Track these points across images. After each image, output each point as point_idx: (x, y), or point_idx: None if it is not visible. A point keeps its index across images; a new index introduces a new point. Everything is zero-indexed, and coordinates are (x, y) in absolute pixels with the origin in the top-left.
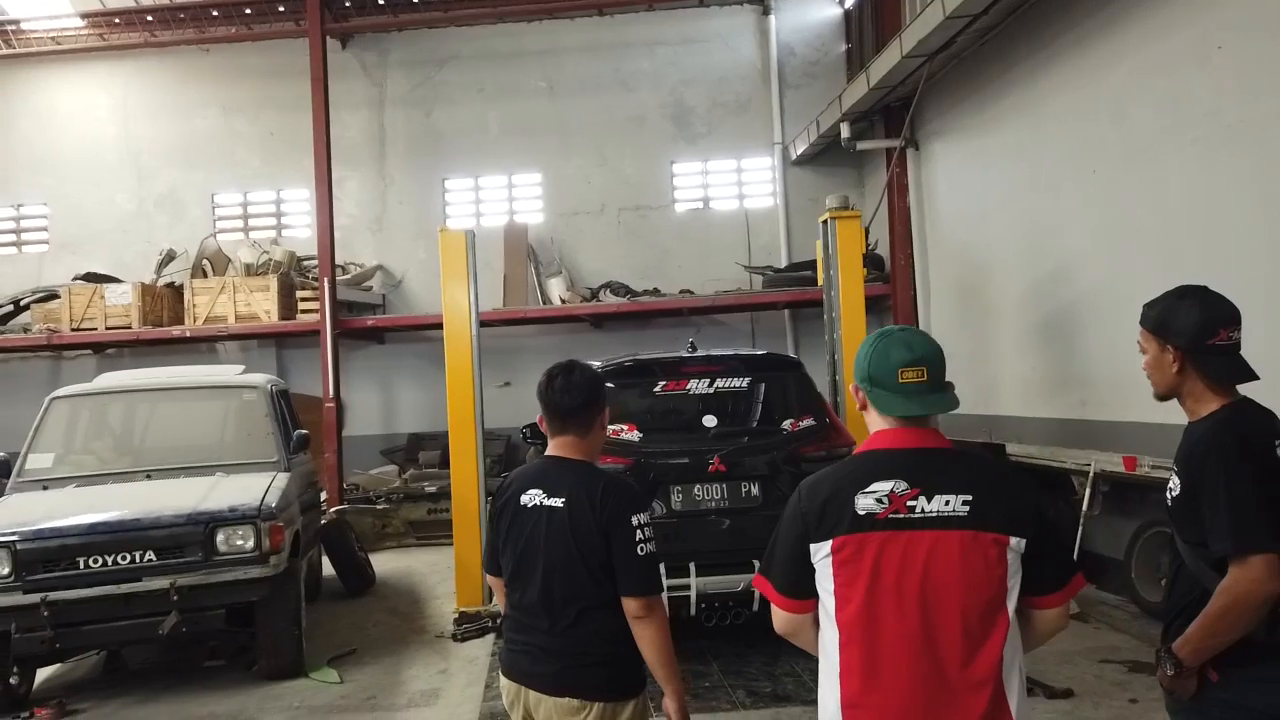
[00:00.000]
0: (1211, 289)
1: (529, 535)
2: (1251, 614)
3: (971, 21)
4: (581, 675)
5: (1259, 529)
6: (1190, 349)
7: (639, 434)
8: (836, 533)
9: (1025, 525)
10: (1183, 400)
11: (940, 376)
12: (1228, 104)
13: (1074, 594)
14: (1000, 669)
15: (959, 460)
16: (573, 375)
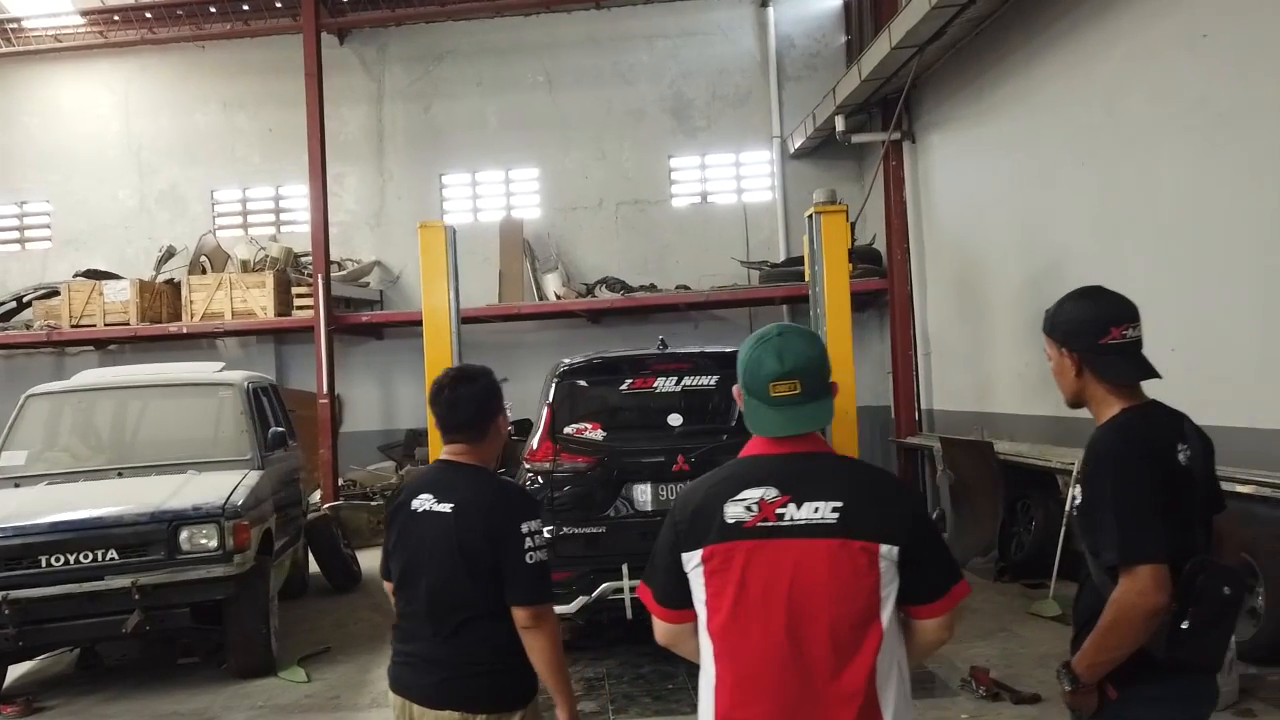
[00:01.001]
0: (1108, 288)
1: (416, 541)
2: (1139, 627)
3: (960, 11)
4: (464, 686)
5: (1147, 539)
6: (1086, 350)
7: (603, 433)
8: (706, 542)
9: (897, 533)
10: (1088, 405)
11: (817, 385)
12: (1217, 92)
13: (954, 605)
14: (872, 680)
15: (833, 466)
16: (459, 389)
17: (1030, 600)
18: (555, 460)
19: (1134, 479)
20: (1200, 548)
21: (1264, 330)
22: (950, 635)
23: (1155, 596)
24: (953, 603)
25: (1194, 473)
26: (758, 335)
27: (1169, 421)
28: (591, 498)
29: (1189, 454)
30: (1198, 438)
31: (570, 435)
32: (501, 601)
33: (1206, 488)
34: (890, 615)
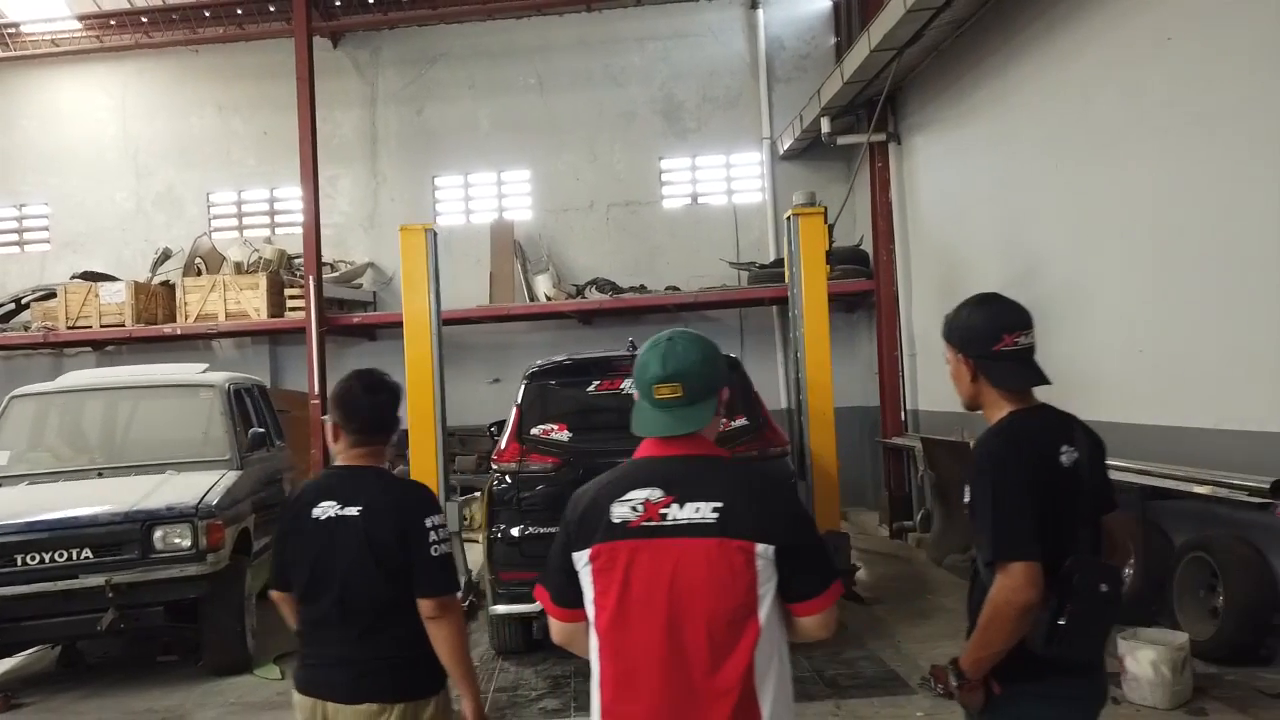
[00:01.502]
0: (1004, 295)
1: (323, 547)
2: (1013, 623)
3: (936, 14)
4: (380, 679)
5: (1019, 536)
6: (980, 356)
7: (569, 434)
8: (593, 541)
9: (774, 532)
10: (983, 408)
11: (700, 388)
12: (1183, 94)
13: (831, 603)
14: (749, 677)
15: (717, 467)
16: (380, 395)
17: None
18: (522, 461)
19: (1010, 480)
20: (1085, 546)
21: (1226, 333)
22: (829, 633)
23: (1027, 593)
24: (829, 601)
25: (1079, 474)
26: (651, 339)
27: (1055, 424)
28: (557, 498)
29: (1074, 456)
30: (1086, 440)
31: (537, 436)
32: (409, 595)
33: (1095, 488)
34: (768, 613)
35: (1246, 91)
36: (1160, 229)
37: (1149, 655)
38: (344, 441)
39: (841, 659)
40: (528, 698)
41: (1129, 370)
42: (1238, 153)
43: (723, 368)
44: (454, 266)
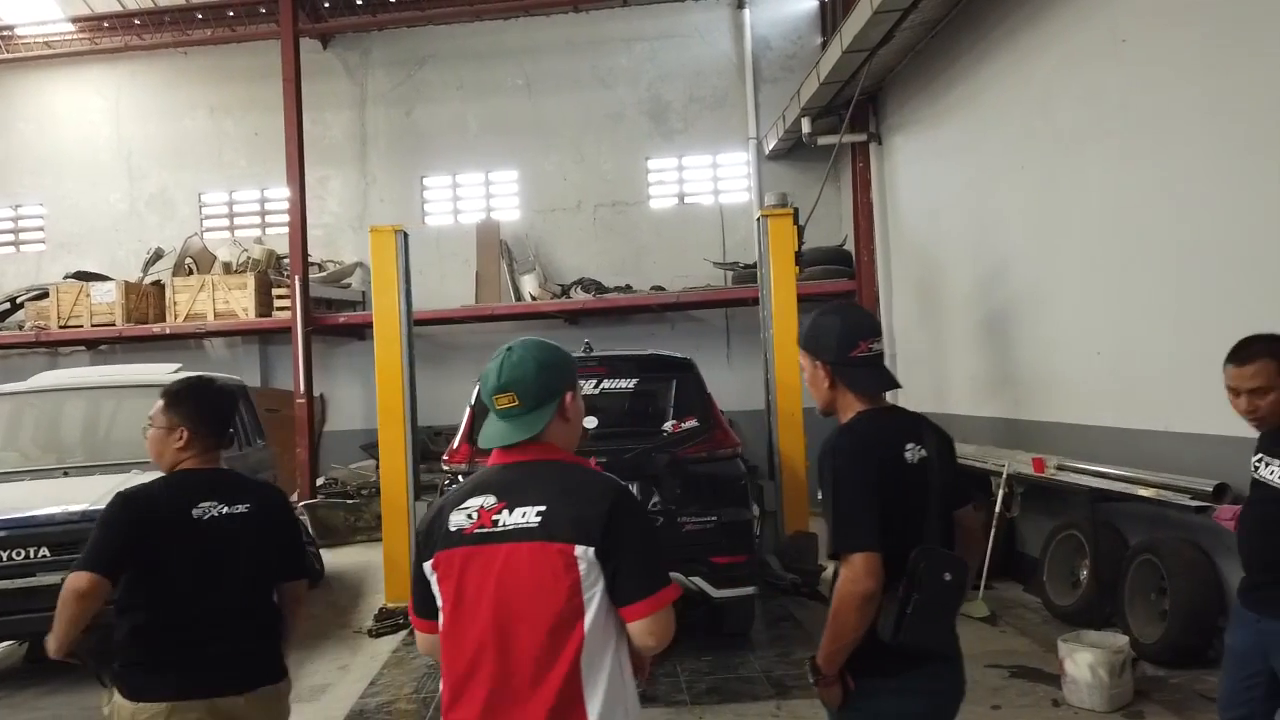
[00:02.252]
0: (856, 304)
1: (210, 546)
2: (856, 613)
3: (904, 15)
4: (272, 662)
5: (860, 529)
6: (835, 362)
7: None
8: (435, 550)
9: (592, 534)
10: (838, 413)
11: (536, 396)
12: (1136, 97)
13: (658, 608)
14: (573, 682)
15: (546, 473)
16: (224, 399)
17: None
18: (471, 462)
19: (852, 474)
20: (933, 538)
21: (1176, 336)
22: (657, 640)
23: (866, 582)
24: (656, 605)
25: (927, 470)
26: (497, 350)
27: (901, 424)
28: None
29: (920, 453)
30: (935, 438)
31: None
32: (279, 583)
33: (945, 485)
34: (596, 617)
35: (1196, 94)
36: (1116, 231)
37: (1087, 658)
38: (199, 444)
39: (791, 659)
40: None
41: (1086, 372)
42: (1187, 156)
43: (564, 373)
44: (442, 266)
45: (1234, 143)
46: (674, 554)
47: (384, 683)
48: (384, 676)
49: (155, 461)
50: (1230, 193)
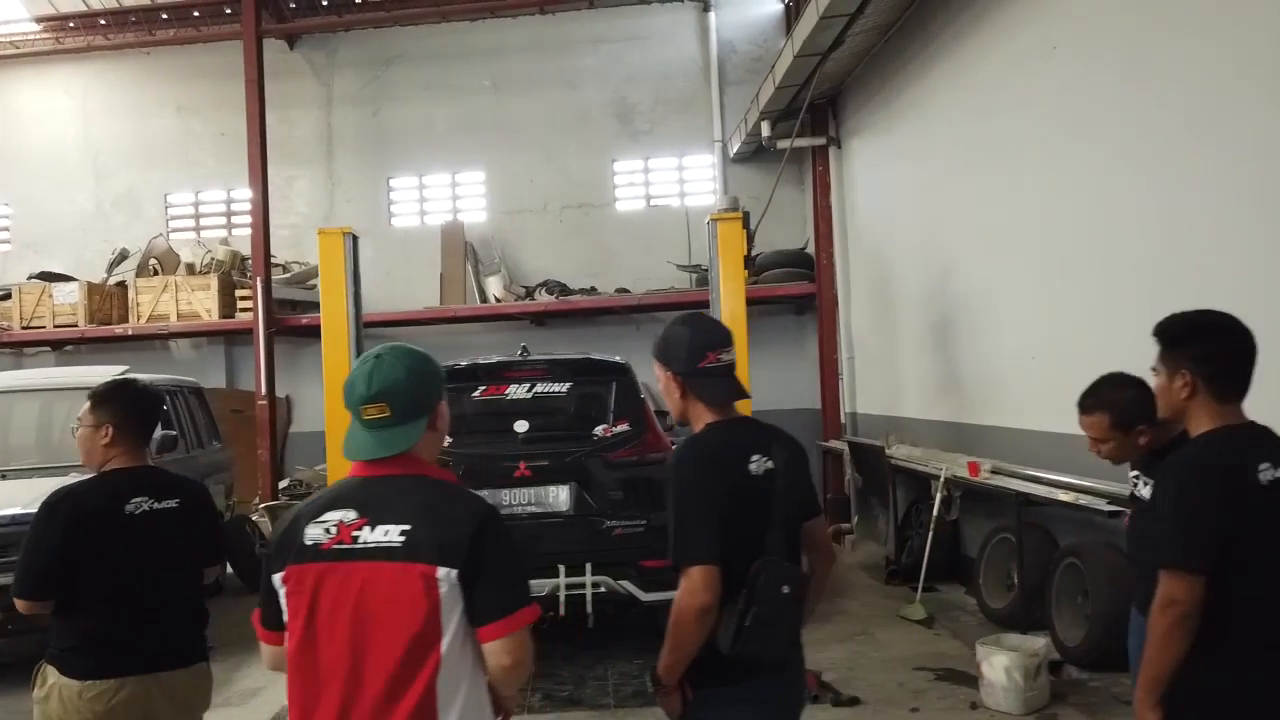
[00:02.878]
0: (706, 315)
1: (143, 540)
2: (693, 625)
3: (851, 20)
4: (201, 642)
5: (697, 542)
6: (685, 373)
7: (449, 439)
8: (286, 563)
9: (454, 555)
10: (690, 423)
11: (408, 407)
12: (1064, 105)
13: (513, 629)
14: (429, 705)
15: (411, 489)
16: (148, 400)
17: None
18: None
19: (693, 487)
20: (777, 550)
21: (1102, 340)
22: (513, 660)
23: (702, 595)
24: (512, 626)
25: (773, 482)
26: (361, 357)
27: (750, 435)
28: None
29: (766, 465)
30: (784, 450)
31: None
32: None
33: (793, 495)
34: (454, 639)
35: (1116, 102)
36: (1048, 236)
37: (1002, 661)
38: (125, 442)
39: None
40: None
41: (1023, 376)
42: (1108, 162)
43: (437, 382)
44: (409, 268)
45: (1151, 149)
46: (604, 558)
47: None
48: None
49: (85, 461)
50: (1149, 197)
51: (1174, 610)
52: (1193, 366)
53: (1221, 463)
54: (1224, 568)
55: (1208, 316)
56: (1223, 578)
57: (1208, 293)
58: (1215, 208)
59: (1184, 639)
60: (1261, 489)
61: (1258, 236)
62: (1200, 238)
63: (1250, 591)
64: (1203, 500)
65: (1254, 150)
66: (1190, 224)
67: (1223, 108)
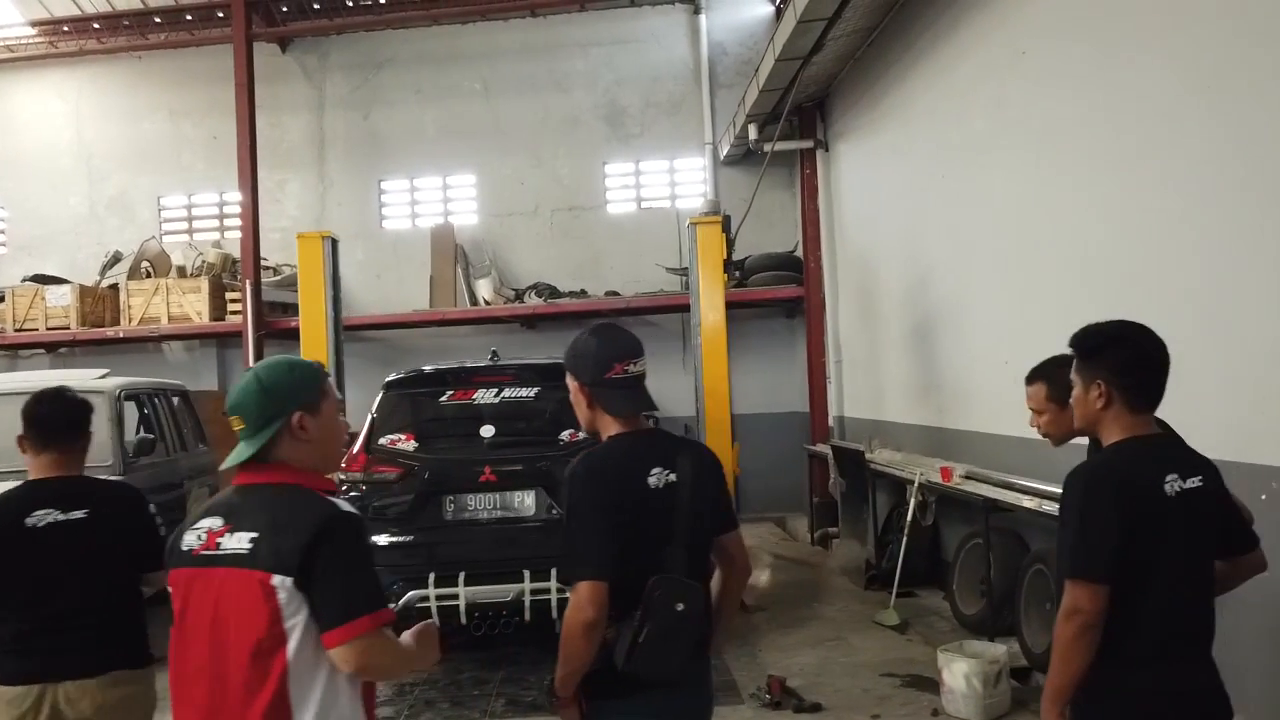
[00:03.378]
0: (617, 326)
1: (46, 552)
2: (580, 640)
3: (830, 24)
4: (119, 649)
5: (586, 557)
6: (592, 384)
7: (415, 444)
8: (171, 566)
9: (289, 564)
10: (599, 434)
11: (257, 418)
12: (1034, 108)
13: (352, 636)
14: (282, 707)
15: (267, 497)
16: (73, 405)
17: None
18: (367, 471)
19: (585, 501)
20: (677, 566)
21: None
22: (355, 667)
23: (587, 611)
24: (349, 634)
25: (675, 495)
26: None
27: (652, 447)
28: (399, 507)
29: (669, 477)
30: (692, 463)
31: (384, 446)
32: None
33: (701, 509)
34: (301, 644)
35: (1084, 106)
36: (1018, 240)
37: (962, 668)
38: (48, 453)
39: None
40: None
41: (996, 381)
42: (1076, 166)
43: (292, 394)
44: (400, 270)
45: (1113, 154)
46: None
47: None
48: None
49: None
50: (1111, 203)
51: (1077, 620)
52: (1108, 377)
53: (1126, 474)
54: (1129, 578)
55: (1123, 327)
56: (1128, 588)
57: (1167, 296)
58: (1174, 213)
59: (1087, 649)
60: (1167, 500)
61: (1214, 240)
62: (1158, 241)
63: (1155, 602)
64: (1105, 511)
65: (1209, 155)
66: (1149, 228)
67: (1178, 115)
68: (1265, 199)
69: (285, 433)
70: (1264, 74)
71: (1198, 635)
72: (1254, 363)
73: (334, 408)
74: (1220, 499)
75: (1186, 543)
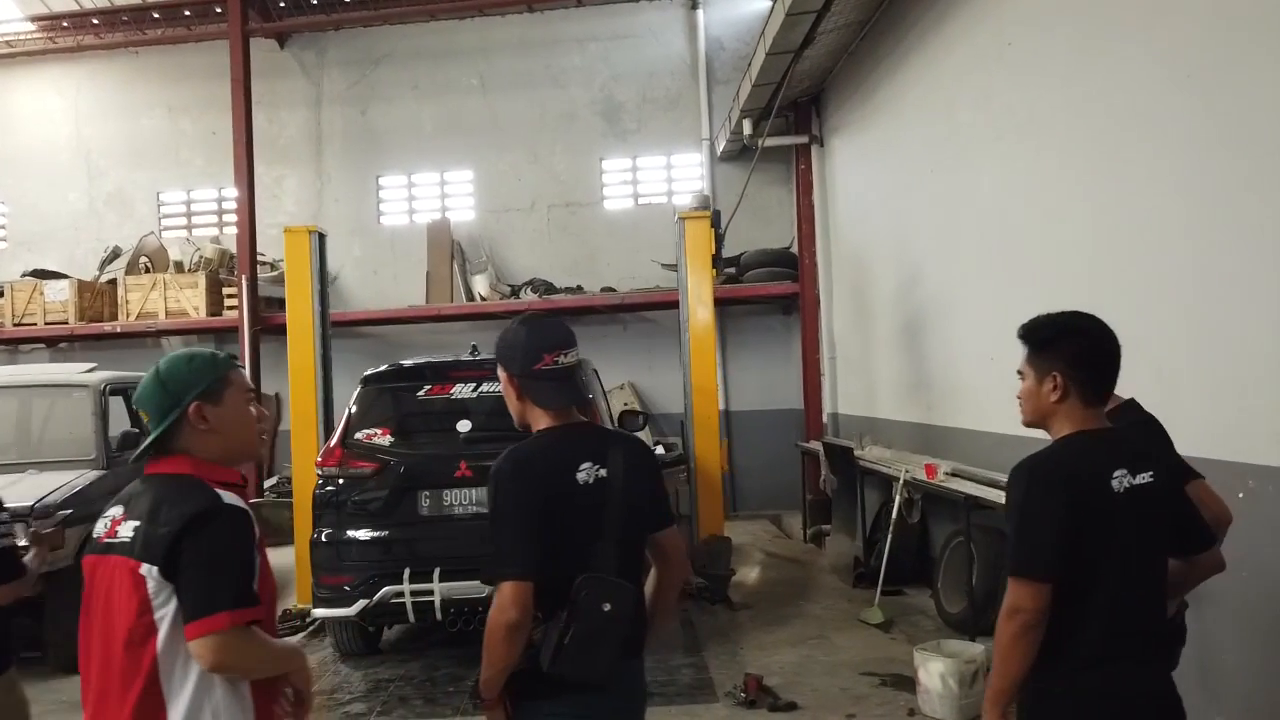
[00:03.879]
0: (549, 316)
1: None
2: (503, 641)
3: (820, 17)
4: None
5: (509, 556)
6: (520, 375)
7: (391, 438)
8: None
9: (156, 554)
10: (531, 427)
11: (153, 412)
12: (1019, 99)
13: (205, 632)
14: (154, 694)
15: (157, 486)
16: None
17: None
18: (342, 465)
19: (509, 499)
20: (607, 564)
21: None
22: (210, 663)
23: (509, 612)
24: (203, 629)
25: (605, 491)
26: None
27: (582, 442)
28: (375, 503)
29: (599, 473)
30: (625, 458)
31: (359, 441)
32: None
33: (635, 504)
34: (170, 636)
35: (1064, 97)
36: (1003, 236)
37: (938, 668)
38: None
39: (669, 665)
40: (340, 700)
41: (983, 378)
42: (1059, 159)
43: (188, 385)
44: (397, 266)
45: (1092, 148)
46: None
47: None
48: None
49: None
50: (1095, 197)
51: (1019, 619)
52: (1064, 369)
53: (1071, 469)
54: (1074, 576)
55: (1077, 318)
56: (1073, 586)
57: (1149, 291)
58: (1155, 207)
59: (1029, 648)
60: (1114, 496)
61: (1198, 234)
62: (1140, 236)
63: (1103, 601)
64: (1047, 507)
65: (1191, 147)
66: (1131, 223)
67: (1161, 106)
68: (1249, 192)
69: (185, 423)
70: (1245, 64)
71: (1149, 636)
72: (1237, 359)
73: (241, 398)
74: (1175, 496)
75: (1135, 541)
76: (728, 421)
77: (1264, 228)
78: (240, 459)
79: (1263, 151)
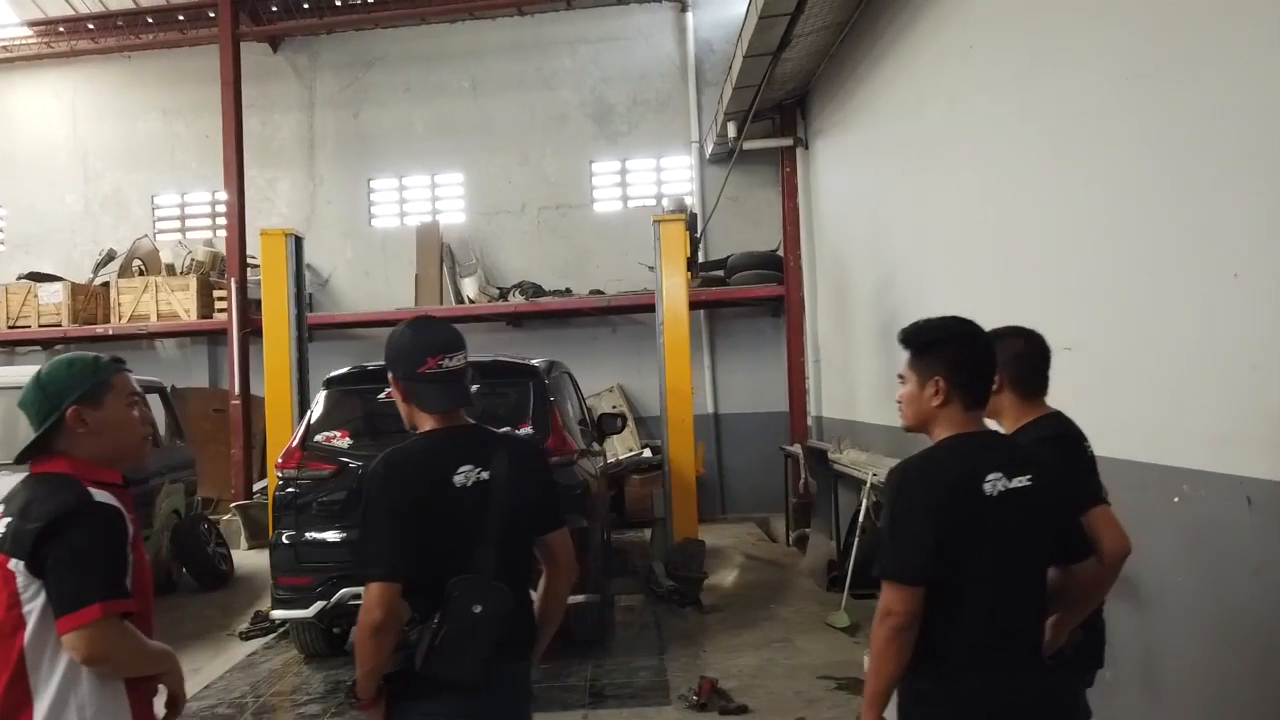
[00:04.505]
0: (435, 319)
1: None
2: (369, 643)
3: (794, 19)
4: None
5: (376, 557)
6: (405, 378)
7: (349, 441)
8: None
9: (23, 548)
10: (418, 430)
11: (34, 416)
12: (982, 102)
13: (72, 627)
14: (21, 687)
15: (32, 485)
16: None
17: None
18: (301, 468)
19: (375, 500)
20: (485, 566)
21: None
22: (83, 657)
23: (374, 612)
24: (70, 624)
25: (486, 493)
26: None
27: (462, 444)
28: (333, 504)
29: (480, 475)
30: (509, 461)
31: (319, 443)
32: None
33: (520, 506)
34: (37, 630)
35: (1024, 98)
36: (965, 240)
37: None
38: None
39: (629, 667)
40: (298, 701)
41: None
42: (1011, 162)
43: (65, 389)
44: (388, 268)
45: (1045, 151)
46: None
47: (220, 685)
48: (224, 680)
49: None
50: (1042, 202)
51: (890, 622)
52: (945, 373)
53: (943, 473)
54: (947, 580)
55: (958, 323)
56: (947, 590)
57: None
58: (1096, 211)
59: (901, 651)
60: (987, 500)
61: (1135, 237)
62: (1082, 240)
63: (977, 605)
64: (917, 510)
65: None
66: (1073, 227)
67: (1106, 110)
68: (1189, 199)
69: (63, 426)
70: (1186, 68)
71: (1028, 641)
72: (1174, 364)
73: (122, 401)
74: (1056, 502)
75: (1011, 545)
76: (717, 424)
77: (1202, 229)
78: (123, 460)
79: (1201, 156)
